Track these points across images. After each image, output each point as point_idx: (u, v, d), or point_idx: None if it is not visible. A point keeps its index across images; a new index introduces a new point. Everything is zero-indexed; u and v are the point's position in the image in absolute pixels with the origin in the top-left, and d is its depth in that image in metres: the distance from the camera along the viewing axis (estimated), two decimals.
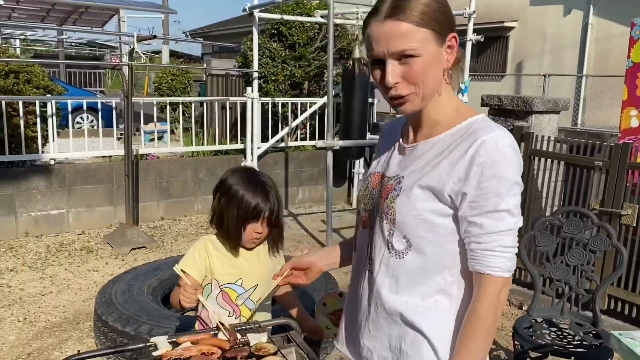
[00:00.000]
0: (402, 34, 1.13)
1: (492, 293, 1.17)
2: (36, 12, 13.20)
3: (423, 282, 1.23)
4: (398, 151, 1.33)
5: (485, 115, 1.25)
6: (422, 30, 1.13)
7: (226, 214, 1.79)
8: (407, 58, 1.14)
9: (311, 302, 3.14)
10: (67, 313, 3.91)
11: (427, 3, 1.15)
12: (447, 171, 1.17)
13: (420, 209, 1.19)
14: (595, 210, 3.92)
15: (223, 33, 20.82)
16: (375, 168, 1.38)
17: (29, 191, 5.52)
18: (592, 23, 11.30)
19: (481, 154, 1.13)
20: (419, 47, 1.13)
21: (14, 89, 5.64)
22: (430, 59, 1.15)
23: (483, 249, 1.17)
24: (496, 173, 1.13)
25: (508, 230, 1.16)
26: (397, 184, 1.24)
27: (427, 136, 1.26)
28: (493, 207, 1.14)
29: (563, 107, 4.62)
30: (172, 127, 9.11)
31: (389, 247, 1.25)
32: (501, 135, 1.15)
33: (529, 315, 2.92)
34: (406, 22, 1.13)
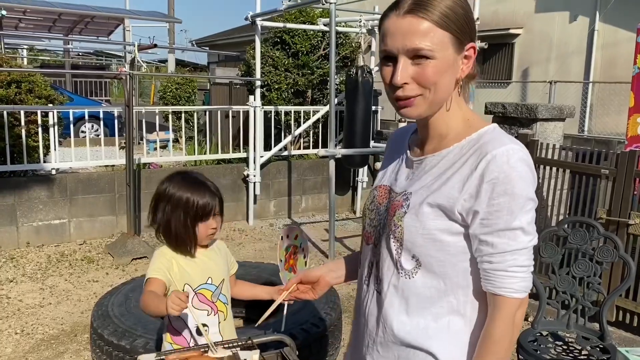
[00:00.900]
0: (420, 32, 1.07)
1: (507, 315, 1.11)
2: (43, 22, 13.30)
3: (435, 302, 1.17)
4: (406, 164, 1.27)
5: (497, 126, 1.18)
6: (442, 32, 1.08)
7: (174, 220, 1.81)
8: (421, 59, 1.08)
9: (310, 314, 3.08)
10: (65, 325, 3.87)
11: (452, 6, 1.09)
12: (457, 188, 1.11)
13: (429, 227, 1.13)
14: (602, 219, 3.85)
15: (229, 42, 20.90)
16: (382, 180, 1.32)
17: (31, 201, 5.50)
18: (598, 29, 11.22)
19: (492, 170, 1.07)
20: (436, 48, 1.08)
21: (16, 98, 5.63)
22: (445, 64, 1.09)
23: (495, 269, 1.11)
24: (508, 189, 1.07)
25: (522, 249, 1.10)
26: (405, 201, 1.18)
27: (436, 149, 1.20)
28: (505, 225, 1.09)
29: (568, 114, 4.55)
30: (176, 135, 9.11)
31: (398, 267, 1.19)
32: (513, 148, 1.09)
33: (533, 329, 2.84)
34: (427, 20, 1.07)
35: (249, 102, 6.62)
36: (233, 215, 6.80)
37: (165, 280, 1.79)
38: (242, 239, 6.16)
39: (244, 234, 6.34)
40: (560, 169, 4.21)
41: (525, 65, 12.84)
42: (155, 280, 1.77)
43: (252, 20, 6.29)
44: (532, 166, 1.12)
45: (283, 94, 7.78)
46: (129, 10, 15.44)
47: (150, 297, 1.73)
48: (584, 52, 11.56)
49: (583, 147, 5.74)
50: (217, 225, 1.88)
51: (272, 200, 7.10)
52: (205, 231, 1.85)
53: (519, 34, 12.77)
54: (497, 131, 1.16)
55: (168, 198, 1.82)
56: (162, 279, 1.78)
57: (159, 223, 1.85)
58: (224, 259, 1.98)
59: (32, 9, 11.61)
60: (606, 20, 11.10)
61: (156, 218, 1.85)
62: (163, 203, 1.83)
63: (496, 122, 4.67)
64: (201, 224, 1.83)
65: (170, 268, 1.81)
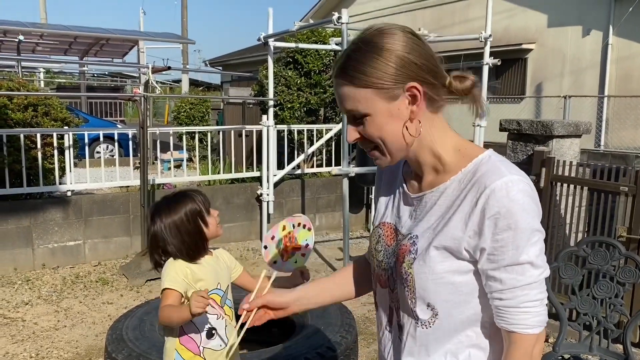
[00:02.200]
0: (345, 96, 1.11)
1: (523, 352, 1.08)
2: (59, 46, 13.55)
3: (453, 340, 1.15)
4: (404, 201, 1.23)
5: (492, 151, 1.14)
6: (362, 90, 1.08)
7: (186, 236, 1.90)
8: (361, 117, 1.10)
9: (325, 338, 3.03)
10: (80, 348, 3.86)
11: (371, 62, 1.07)
12: (460, 228, 1.08)
13: (439, 271, 1.10)
14: (622, 237, 3.77)
15: (242, 61, 21.09)
16: (385, 217, 1.28)
17: (46, 223, 5.54)
18: (612, 43, 11.15)
19: (492, 205, 1.04)
20: (364, 107, 1.09)
21: (32, 121, 5.71)
22: (382, 116, 1.09)
23: (507, 306, 1.08)
24: (511, 224, 1.03)
25: (532, 284, 1.07)
26: (413, 246, 1.15)
27: (433, 184, 1.16)
28: (512, 261, 1.05)
29: (585, 130, 4.49)
30: (190, 155, 9.17)
31: (415, 318, 1.16)
32: (512, 180, 1.05)
33: (555, 352, 2.76)
34: (346, 83, 1.09)
35: (262, 122, 6.64)
36: (247, 234, 6.79)
37: (181, 290, 1.87)
38: (256, 258, 6.14)
39: (258, 254, 6.31)
40: (577, 186, 4.15)
41: (538, 80, 12.78)
42: (171, 292, 1.85)
43: (265, 41, 6.33)
44: (534, 196, 1.08)
45: (296, 112, 7.81)
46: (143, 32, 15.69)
47: (171, 310, 1.83)
48: (598, 66, 11.49)
49: (600, 163, 5.66)
50: (217, 212, 2.02)
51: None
52: (214, 222, 1.97)
53: (532, 49, 12.74)
54: (492, 160, 1.11)
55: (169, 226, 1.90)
56: (178, 290, 1.86)
57: (173, 253, 1.92)
58: (227, 265, 2.09)
59: (49, 32, 11.86)
60: (620, 34, 11.04)
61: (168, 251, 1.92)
62: (166, 234, 1.90)
63: (511, 139, 4.63)
64: (208, 218, 1.95)
65: (186, 275, 1.90)
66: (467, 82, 1.13)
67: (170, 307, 1.84)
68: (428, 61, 1.10)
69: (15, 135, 5.40)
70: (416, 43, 1.09)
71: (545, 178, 4.19)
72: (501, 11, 12.40)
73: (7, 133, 5.36)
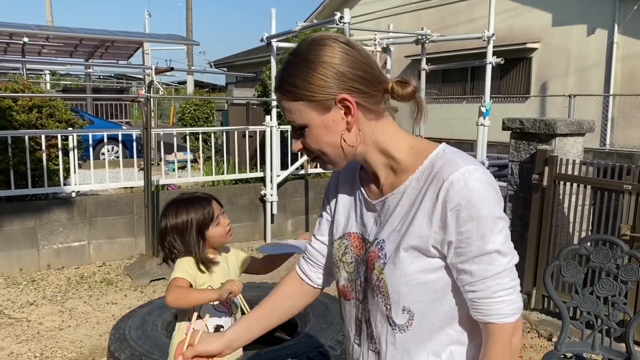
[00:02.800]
0: (284, 108, 1.14)
1: (502, 342, 1.07)
2: (64, 48, 13.63)
3: (434, 339, 1.14)
4: (366, 207, 1.22)
5: (445, 145, 1.15)
6: (296, 103, 1.10)
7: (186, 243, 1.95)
8: (300, 129, 1.13)
9: (327, 337, 3.04)
10: (84, 348, 3.88)
11: (301, 74, 1.08)
12: (425, 225, 1.08)
13: (411, 272, 1.09)
14: (626, 236, 3.75)
15: (246, 62, 21.16)
16: (349, 227, 1.25)
17: (51, 224, 5.57)
18: (617, 41, 11.10)
19: (452, 197, 1.04)
20: (300, 118, 1.11)
21: (37, 123, 5.74)
22: (318, 127, 1.11)
23: (480, 297, 1.07)
24: (473, 214, 1.03)
25: (502, 272, 1.06)
26: (380, 251, 1.14)
27: (392, 186, 1.16)
28: (479, 251, 1.05)
29: (588, 129, 4.47)
30: (194, 156, 9.19)
31: (391, 324, 1.15)
32: (468, 170, 1.05)
33: (557, 350, 2.76)
34: (283, 98, 1.13)
35: (266, 122, 6.65)
36: (251, 235, 6.80)
37: (192, 280, 1.93)
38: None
39: (262, 254, 6.32)
40: (581, 184, 4.13)
41: (543, 79, 12.74)
42: (182, 280, 1.91)
43: (268, 42, 6.35)
44: (493, 184, 1.08)
45: None
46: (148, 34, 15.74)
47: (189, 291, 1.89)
48: (603, 64, 11.44)
49: (604, 161, 5.65)
50: (228, 220, 2.05)
51: (289, 219, 7.09)
52: (222, 230, 2.01)
53: (536, 48, 12.70)
54: (447, 153, 1.11)
55: (173, 228, 1.97)
56: (188, 279, 1.92)
57: (178, 253, 1.99)
58: (235, 263, 2.17)
59: (55, 35, 11.93)
60: (625, 32, 10.99)
61: (173, 251, 2.00)
62: (171, 236, 1.98)
63: (514, 138, 4.62)
64: (213, 229, 1.99)
65: (196, 271, 1.96)
66: (408, 88, 1.13)
67: (185, 289, 1.90)
68: (363, 70, 1.09)
69: (20, 137, 5.44)
70: (349, 53, 1.09)
71: (549, 177, 4.17)
72: (505, 10, 12.37)
73: (12, 135, 5.40)
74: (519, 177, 4.54)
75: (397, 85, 1.12)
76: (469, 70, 13.94)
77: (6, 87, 5.86)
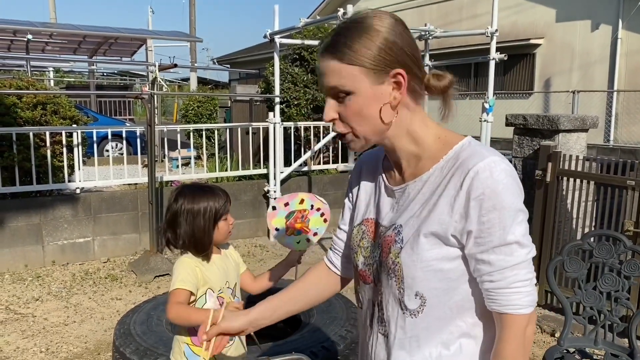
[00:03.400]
0: (331, 71, 1.10)
1: (516, 333, 1.08)
2: (68, 45, 13.64)
3: (444, 329, 1.14)
4: (385, 193, 1.23)
5: (471, 138, 1.15)
6: (350, 67, 1.08)
7: (197, 229, 1.92)
8: (342, 96, 1.10)
9: (331, 332, 3.05)
10: (89, 343, 3.90)
11: (360, 40, 1.08)
12: (446, 212, 1.08)
13: (428, 259, 1.10)
14: (629, 231, 3.75)
15: (249, 59, 21.15)
16: (367, 213, 1.27)
17: (56, 220, 5.60)
18: (621, 37, 11.06)
19: (477, 186, 1.05)
20: (350, 84, 1.08)
21: (41, 120, 5.77)
22: (367, 97, 1.09)
23: (497, 287, 1.08)
24: (496, 204, 1.04)
25: (520, 263, 1.07)
26: (398, 235, 1.14)
27: (415, 174, 1.17)
28: (500, 241, 1.06)
29: (591, 124, 4.47)
30: (198, 153, 9.22)
31: (403, 308, 1.15)
32: (494, 160, 1.06)
33: (560, 345, 2.77)
34: (334, 58, 1.09)
35: (269, 119, 6.66)
36: (254, 231, 6.82)
37: (192, 289, 1.91)
38: (263, 255, 6.17)
39: (265, 250, 6.34)
40: (584, 180, 4.13)
41: (547, 75, 12.71)
42: (182, 291, 1.88)
43: (271, 38, 6.35)
44: (516, 177, 1.09)
45: (302, 109, 7.82)
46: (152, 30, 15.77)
47: (190, 310, 1.87)
48: (607, 60, 11.40)
49: (608, 157, 5.64)
50: (233, 220, 2.05)
51: None
52: (226, 228, 1.99)
53: (540, 44, 12.66)
54: (473, 144, 1.13)
55: (187, 212, 1.93)
56: (189, 290, 1.90)
57: (182, 238, 1.95)
58: (235, 262, 2.14)
59: (58, 32, 11.95)
60: (629, 27, 10.95)
61: (178, 233, 1.95)
62: (182, 218, 1.93)
63: (517, 134, 4.63)
64: (222, 223, 1.96)
65: (195, 275, 1.93)
66: (444, 80, 1.14)
67: (187, 308, 1.87)
68: (414, 51, 1.11)
69: (25, 134, 5.46)
70: (404, 31, 1.11)
71: (552, 172, 4.17)
72: (509, 6, 12.34)
73: (17, 131, 5.42)
74: (522, 173, 4.54)
75: (434, 77, 1.14)
76: (472, 67, 13.90)
77: (11, 84, 5.89)
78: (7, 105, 5.53)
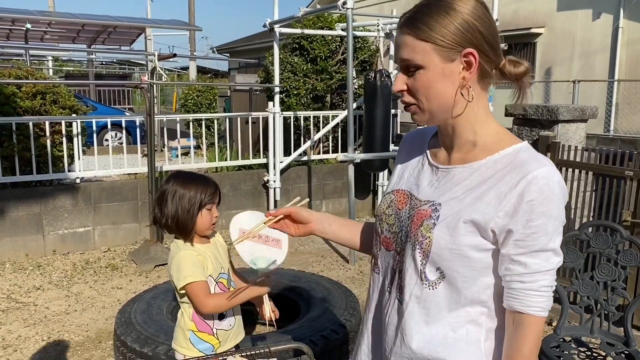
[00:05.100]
0: (405, 45, 1.14)
1: (536, 333, 1.14)
2: (67, 34, 13.59)
3: (453, 312, 1.18)
4: (427, 169, 1.26)
5: (529, 144, 1.19)
6: (423, 43, 1.11)
7: (181, 210, 1.97)
8: (413, 70, 1.14)
9: (330, 321, 3.08)
10: (90, 332, 3.94)
11: (436, 17, 1.11)
12: (493, 205, 1.11)
13: (460, 244, 1.13)
14: (627, 221, 3.77)
15: (249, 48, 21.06)
16: (400, 184, 1.31)
17: (56, 209, 5.61)
18: (622, 26, 11.00)
19: (532, 190, 1.08)
20: (420, 59, 1.12)
21: (41, 109, 5.76)
22: (435, 73, 1.12)
23: (527, 289, 1.12)
24: (546, 211, 1.08)
25: (551, 270, 1.12)
26: (434, 212, 1.17)
27: (465, 159, 1.19)
28: (541, 247, 1.10)
29: (591, 115, 4.47)
30: (197, 142, 9.22)
31: (422, 278, 1.18)
32: (552, 170, 1.10)
33: (556, 334, 2.79)
34: (410, 33, 1.13)
35: (269, 109, 6.66)
36: None
37: (204, 278, 1.96)
38: None
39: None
40: (582, 171, 4.14)
41: (547, 64, 12.66)
42: (200, 283, 1.93)
43: (271, 27, 6.33)
44: (566, 191, 1.14)
45: (302, 99, 7.81)
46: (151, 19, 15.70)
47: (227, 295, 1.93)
48: (608, 50, 11.35)
49: (607, 147, 5.64)
50: (217, 214, 2.07)
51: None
52: (209, 219, 2.01)
53: (541, 33, 12.60)
54: (532, 149, 1.16)
55: (174, 192, 1.99)
56: (203, 280, 1.95)
57: (166, 217, 1.99)
58: (223, 246, 2.16)
59: (57, 20, 11.89)
60: (631, 17, 10.89)
61: (163, 211, 2.00)
62: (169, 197, 1.99)
63: (517, 125, 4.62)
64: (205, 212, 1.99)
65: (200, 264, 1.97)
66: (521, 67, 1.18)
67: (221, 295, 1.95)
68: (492, 35, 1.13)
69: (25, 123, 5.46)
70: (485, 15, 1.13)
71: None
72: None
73: (17, 121, 5.42)
74: None
75: (510, 63, 1.17)
76: None
77: (10, 73, 5.88)
78: (7, 95, 5.52)
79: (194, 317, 2.00)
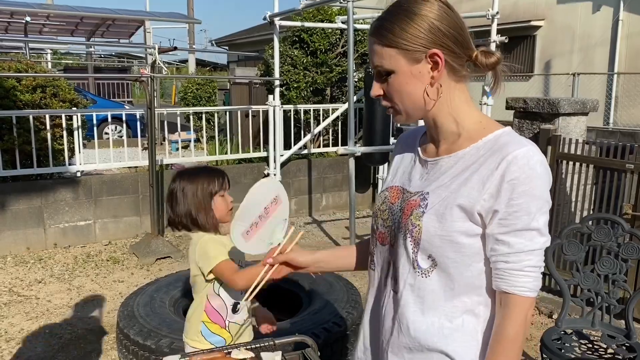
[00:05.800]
0: (374, 52, 1.20)
1: (521, 314, 1.14)
2: (66, 27, 13.54)
3: (449, 301, 1.19)
4: (417, 164, 1.29)
5: (512, 129, 1.20)
6: (389, 49, 1.17)
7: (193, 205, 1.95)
8: (386, 75, 1.19)
9: (331, 314, 3.09)
10: (92, 325, 3.95)
11: (401, 23, 1.15)
12: (477, 188, 1.13)
13: (449, 229, 1.15)
14: (627, 214, 3.78)
15: (248, 40, 20.98)
16: (393, 181, 1.34)
17: (57, 203, 5.62)
18: (622, 19, 10.98)
19: (513, 170, 1.10)
20: (389, 64, 1.17)
21: (41, 103, 5.75)
22: (405, 76, 1.17)
23: (511, 269, 1.13)
24: (528, 190, 1.10)
25: (536, 250, 1.13)
26: (423, 201, 1.19)
27: (451, 150, 1.22)
28: (523, 226, 1.11)
29: (591, 108, 4.48)
30: (197, 135, 9.21)
31: (414, 266, 1.20)
32: (532, 150, 1.12)
33: (557, 327, 2.81)
34: (377, 41, 1.19)
35: (269, 102, 6.65)
36: None
37: (230, 256, 1.95)
38: None
39: None
40: (583, 164, 4.15)
41: (547, 57, 12.64)
42: (227, 262, 1.92)
43: (271, 20, 6.31)
44: (549, 170, 1.15)
45: (302, 92, 7.80)
46: (149, 12, 15.62)
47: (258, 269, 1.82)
48: (608, 42, 11.34)
49: (607, 140, 5.64)
50: (231, 199, 2.05)
51: (292, 198, 7.13)
52: (225, 205, 2.00)
53: (541, 25, 12.57)
54: (513, 133, 1.19)
55: (182, 190, 1.98)
56: (229, 258, 1.94)
57: (179, 216, 1.98)
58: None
59: (55, 13, 11.85)
60: (631, 9, 10.86)
61: (176, 211, 1.99)
62: (179, 196, 1.98)
63: (517, 118, 4.63)
64: (219, 199, 1.99)
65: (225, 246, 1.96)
66: (492, 58, 1.20)
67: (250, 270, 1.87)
68: (456, 32, 1.16)
69: (25, 117, 5.46)
70: (447, 12, 1.16)
71: (551, 156, 4.19)
72: None
73: (17, 114, 5.42)
74: None
75: (482, 54, 1.19)
76: None
77: (9, 66, 5.86)
78: (7, 88, 5.51)
79: (207, 308, 2.00)
